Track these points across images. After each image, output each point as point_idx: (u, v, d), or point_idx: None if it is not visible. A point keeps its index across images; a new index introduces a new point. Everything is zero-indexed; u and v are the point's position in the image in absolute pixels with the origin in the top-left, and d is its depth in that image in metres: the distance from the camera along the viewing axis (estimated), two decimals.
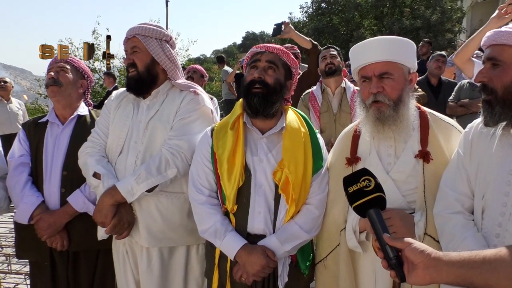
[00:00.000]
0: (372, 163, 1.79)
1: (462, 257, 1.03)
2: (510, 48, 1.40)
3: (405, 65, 1.75)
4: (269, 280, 1.85)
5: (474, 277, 1.00)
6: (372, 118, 1.73)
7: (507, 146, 1.47)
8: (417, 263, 1.09)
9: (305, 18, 22.36)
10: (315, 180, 1.88)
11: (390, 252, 1.15)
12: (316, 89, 3.86)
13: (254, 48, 1.93)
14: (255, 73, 1.84)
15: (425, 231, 1.64)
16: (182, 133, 2.09)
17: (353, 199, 1.28)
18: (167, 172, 2.04)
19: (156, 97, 2.19)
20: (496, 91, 1.42)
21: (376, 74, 1.71)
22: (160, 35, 2.16)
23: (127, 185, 2.02)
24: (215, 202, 1.92)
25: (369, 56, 1.74)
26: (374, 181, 1.28)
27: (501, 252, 0.98)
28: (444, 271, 1.04)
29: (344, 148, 1.92)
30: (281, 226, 1.83)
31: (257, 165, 1.86)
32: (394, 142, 1.79)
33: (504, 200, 1.43)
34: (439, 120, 1.83)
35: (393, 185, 1.74)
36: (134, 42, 2.15)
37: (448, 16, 18.98)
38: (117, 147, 2.17)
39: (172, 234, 2.12)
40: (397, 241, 1.15)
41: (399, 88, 1.71)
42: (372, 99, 1.72)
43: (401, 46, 1.76)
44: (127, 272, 2.22)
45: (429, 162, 1.71)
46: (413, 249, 1.10)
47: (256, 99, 1.82)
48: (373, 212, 1.23)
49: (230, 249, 1.80)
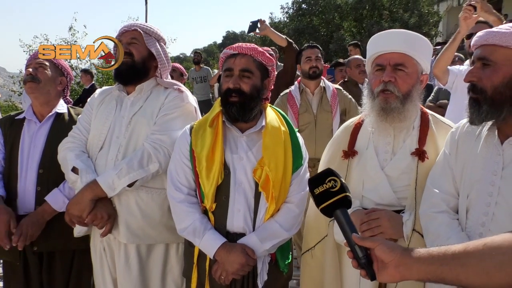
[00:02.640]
0: (368, 157, 1.81)
1: (432, 254, 1.04)
2: (501, 48, 1.41)
3: (420, 63, 1.76)
4: (249, 279, 1.84)
5: (444, 273, 1.00)
6: (378, 107, 1.73)
7: (492, 146, 1.49)
8: (388, 262, 1.09)
9: (285, 19, 22.44)
10: (295, 178, 1.88)
11: (359, 251, 1.15)
12: (294, 90, 3.83)
13: (227, 50, 1.90)
14: (230, 82, 1.83)
15: (414, 228, 1.66)
16: (165, 128, 2.08)
17: (320, 201, 1.26)
18: (149, 166, 2.02)
19: (140, 93, 2.19)
20: (486, 91, 1.43)
21: (391, 64, 1.72)
22: (159, 36, 2.23)
23: (108, 179, 1.99)
24: (194, 200, 1.90)
25: (388, 44, 1.75)
26: (339, 182, 1.26)
27: (469, 247, 0.99)
28: (415, 269, 1.05)
29: (343, 141, 1.93)
30: (261, 224, 1.83)
31: (236, 163, 1.85)
32: (393, 140, 1.81)
33: (487, 200, 1.46)
34: (440, 121, 1.86)
35: (386, 181, 1.76)
36: (134, 34, 2.16)
37: (425, 19, 19.40)
38: (98, 142, 2.14)
39: (151, 231, 2.09)
40: (366, 241, 1.15)
41: (411, 83, 1.73)
42: (382, 87, 1.72)
43: (420, 44, 1.79)
44: (104, 270, 2.18)
45: (424, 161, 1.73)
46: (383, 248, 1.11)
47: (234, 109, 1.82)
48: (340, 213, 1.22)
49: (209, 248, 1.78)
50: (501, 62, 1.41)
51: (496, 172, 1.46)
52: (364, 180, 1.80)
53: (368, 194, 1.79)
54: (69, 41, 16.58)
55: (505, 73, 1.41)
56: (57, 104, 2.44)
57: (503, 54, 1.41)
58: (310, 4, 21.42)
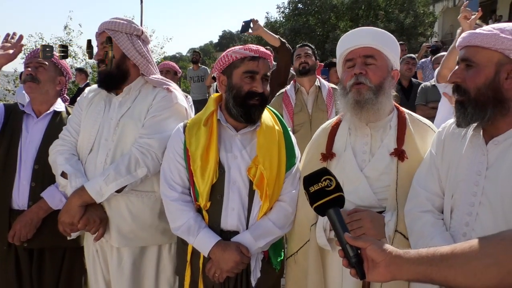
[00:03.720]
0: (347, 159, 1.81)
1: (421, 254, 1.06)
2: (483, 50, 1.42)
3: (389, 58, 1.79)
4: (242, 276, 1.85)
5: (433, 274, 1.03)
6: (351, 101, 1.74)
7: (476, 147, 1.50)
8: (379, 261, 1.11)
9: (281, 18, 22.44)
10: (288, 177, 1.90)
11: (350, 251, 1.17)
12: (289, 89, 3.84)
13: (245, 51, 1.82)
14: (259, 87, 1.81)
15: (396, 229, 1.67)
16: (153, 131, 2.04)
17: (314, 199, 1.27)
18: (137, 171, 1.99)
19: (128, 94, 2.14)
20: (469, 92, 1.44)
21: (361, 55, 1.75)
22: (131, 29, 2.10)
23: (96, 185, 1.97)
24: (188, 199, 1.90)
25: (357, 40, 1.79)
26: (335, 181, 1.28)
27: (456, 249, 1.02)
28: (405, 269, 1.07)
29: (321, 143, 1.93)
30: (255, 223, 1.84)
31: (231, 161, 1.86)
32: (370, 139, 1.81)
33: (471, 200, 1.47)
34: (417, 120, 1.87)
35: (365, 182, 1.76)
36: (103, 37, 2.10)
37: (421, 20, 19.46)
38: (87, 145, 2.12)
39: (143, 233, 2.08)
40: (358, 240, 1.17)
41: (381, 75, 1.75)
42: (354, 80, 1.74)
43: (389, 40, 1.82)
44: (97, 272, 2.17)
45: (403, 160, 1.73)
46: (375, 248, 1.13)
47: (256, 112, 1.83)
48: (333, 212, 1.23)
49: (203, 246, 1.79)
50: (483, 63, 1.43)
51: (480, 172, 1.47)
52: (344, 182, 1.78)
53: (348, 196, 1.77)
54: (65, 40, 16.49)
55: (487, 74, 1.42)
56: (55, 102, 2.45)
57: (485, 55, 1.42)
58: (306, 4, 21.43)
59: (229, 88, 1.86)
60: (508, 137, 1.44)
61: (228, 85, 1.87)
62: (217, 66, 1.90)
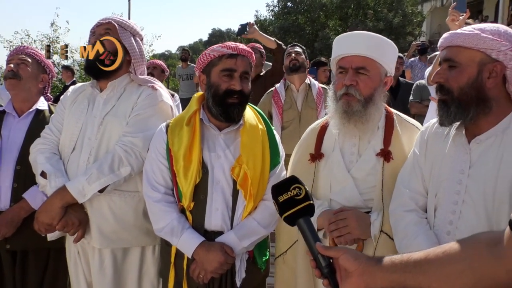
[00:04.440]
0: (335, 160, 1.81)
1: (395, 262, 1.04)
2: (465, 49, 1.43)
3: (383, 66, 1.76)
4: (227, 277, 1.83)
5: (407, 281, 1.01)
6: (340, 110, 1.74)
7: (459, 146, 1.51)
8: (352, 271, 1.09)
9: (271, 17, 22.47)
10: (272, 176, 1.88)
11: (322, 261, 1.14)
12: (279, 86, 3.86)
13: (223, 49, 1.81)
14: (236, 84, 1.79)
15: (381, 229, 1.67)
16: (137, 129, 2.01)
17: (283, 209, 1.22)
18: (120, 170, 1.95)
19: (113, 91, 2.11)
20: (452, 91, 1.45)
21: (353, 67, 1.72)
22: (134, 31, 2.15)
23: (78, 185, 1.92)
24: (171, 199, 1.87)
25: (351, 47, 1.75)
26: (304, 189, 1.23)
27: (430, 255, 1.00)
28: (379, 277, 1.05)
29: (309, 144, 1.93)
30: (239, 222, 1.83)
31: (214, 161, 1.84)
32: (358, 141, 1.81)
33: (455, 199, 1.48)
34: (404, 121, 1.87)
35: (352, 183, 1.76)
36: (108, 25, 2.08)
37: (409, 19, 19.66)
38: (70, 144, 2.08)
39: (126, 234, 2.04)
40: (329, 250, 1.15)
41: (372, 86, 1.73)
42: (344, 91, 1.72)
43: (384, 47, 1.78)
44: (78, 274, 2.13)
45: (389, 161, 1.73)
46: (348, 257, 1.10)
47: (236, 110, 1.80)
48: (303, 221, 1.20)
49: (187, 247, 1.77)
50: (466, 63, 1.44)
51: (463, 171, 1.48)
52: (332, 183, 1.80)
53: (336, 196, 1.79)
54: (51, 37, 16.30)
55: (470, 74, 1.43)
56: (38, 101, 2.38)
57: (467, 55, 1.44)
58: (295, 3, 21.48)
59: (208, 87, 1.84)
60: (490, 135, 1.46)
61: (207, 84, 1.85)
62: (197, 65, 1.89)
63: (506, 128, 1.44)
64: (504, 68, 1.42)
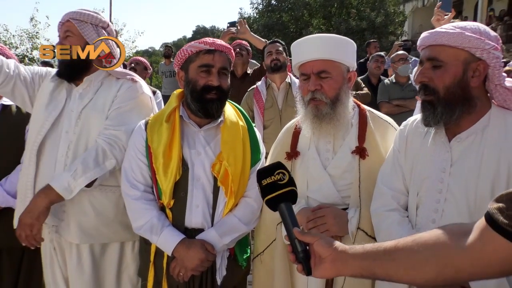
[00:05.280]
0: (311, 158, 1.81)
1: (366, 249, 1.06)
2: (450, 48, 1.42)
3: (344, 63, 1.76)
4: (207, 274, 1.82)
5: (376, 268, 1.03)
6: (310, 115, 1.75)
7: (440, 144, 1.51)
8: (325, 257, 1.11)
9: (255, 14, 22.41)
10: (253, 173, 1.87)
11: (298, 246, 1.16)
12: (261, 85, 3.84)
13: (200, 44, 1.80)
14: (214, 80, 1.77)
15: (358, 226, 1.68)
16: (119, 122, 1.98)
17: (266, 192, 1.25)
18: (105, 163, 1.92)
19: (89, 85, 2.06)
20: (438, 91, 1.44)
21: (314, 72, 1.72)
22: (96, 21, 2.05)
23: (63, 181, 1.87)
24: (151, 197, 1.85)
25: (308, 53, 1.74)
26: (288, 175, 1.26)
27: (399, 243, 1.01)
28: (350, 264, 1.07)
29: (285, 143, 1.93)
30: (220, 219, 1.81)
31: (194, 158, 1.82)
32: (333, 139, 1.82)
33: (437, 197, 1.48)
34: (377, 117, 1.87)
35: (329, 181, 1.77)
36: (68, 27, 2.01)
37: (391, 19, 19.86)
38: (36, 137, 1.99)
39: (106, 229, 2.02)
40: (306, 235, 1.16)
41: (336, 87, 1.73)
42: (310, 96, 1.73)
43: (340, 45, 1.77)
44: (55, 270, 2.09)
45: (365, 158, 1.74)
46: (322, 243, 1.12)
47: (214, 106, 1.79)
48: (284, 206, 1.23)
49: (167, 245, 1.75)
50: (451, 62, 1.43)
51: (444, 169, 1.48)
52: (308, 181, 1.80)
53: (313, 194, 1.80)
54: (31, 32, 15.92)
55: (455, 73, 1.42)
56: (2, 96, 2.26)
57: (452, 54, 1.42)
58: (279, 1, 21.48)
59: (186, 83, 1.83)
60: (470, 134, 1.46)
61: (185, 80, 1.83)
62: (176, 61, 1.87)
63: (485, 126, 1.44)
64: (487, 67, 1.42)
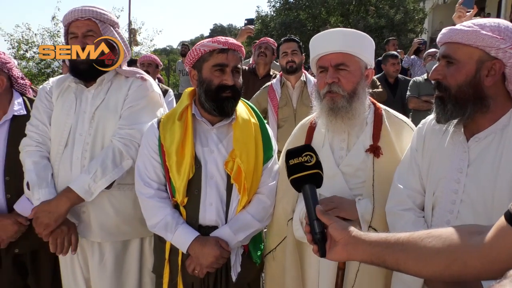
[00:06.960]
0: (324, 155, 1.80)
1: (380, 237, 1.07)
2: (464, 46, 1.40)
3: (362, 59, 1.76)
4: (222, 271, 1.84)
5: (386, 256, 1.04)
6: (326, 108, 1.74)
7: (458, 143, 1.49)
8: (338, 240, 1.13)
9: (272, 12, 22.36)
10: (266, 169, 1.88)
11: (316, 227, 1.19)
12: (275, 83, 3.83)
13: (213, 43, 1.79)
14: (229, 79, 1.78)
15: (370, 224, 1.67)
16: (132, 121, 2.00)
17: (292, 172, 1.29)
18: (122, 164, 1.96)
19: (101, 85, 2.08)
20: (450, 89, 1.43)
21: (332, 64, 1.71)
22: (112, 22, 2.08)
23: (83, 184, 1.90)
24: (164, 195, 1.87)
25: (327, 46, 1.74)
26: (315, 158, 1.29)
27: (414, 235, 1.02)
28: (361, 249, 1.09)
29: (299, 139, 1.92)
30: (233, 217, 1.83)
31: (207, 156, 1.83)
32: (347, 136, 1.81)
33: (453, 198, 1.46)
34: (393, 116, 1.86)
35: (342, 178, 1.76)
36: (89, 26, 2.00)
37: (411, 16, 19.55)
38: (61, 141, 2.03)
39: (126, 227, 2.06)
40: (325, 216, 1.19)
41: (354, 81, 1.72)
42: (327, 89, 1.73)
43: (359, 40, 1.77)
44: (75, 271, 2.12)
45: (379, 157, 1.73)
46: (336, 227, 1.14)
47: (229, 105, 1.80)
48: (308, 188, 1.25)
49: (182, 242, 1.77)
50: (464, 60, 1.40)
51: (461, 170, 1.46)
52: None
53: (325, 191, 1.78)
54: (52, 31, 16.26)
55: (468, 72, 1.40)
56: (11, 104, 2.17)
57: (465, 52, 1.40)
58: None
59: (200, 82, 1.83)
60: (488, 134, 1.43)
61: (199, 79, 1.84)
62: (188, 60, 1.87)
63: (505, 126, 1.41)
64: (503, 66, 1.38)
